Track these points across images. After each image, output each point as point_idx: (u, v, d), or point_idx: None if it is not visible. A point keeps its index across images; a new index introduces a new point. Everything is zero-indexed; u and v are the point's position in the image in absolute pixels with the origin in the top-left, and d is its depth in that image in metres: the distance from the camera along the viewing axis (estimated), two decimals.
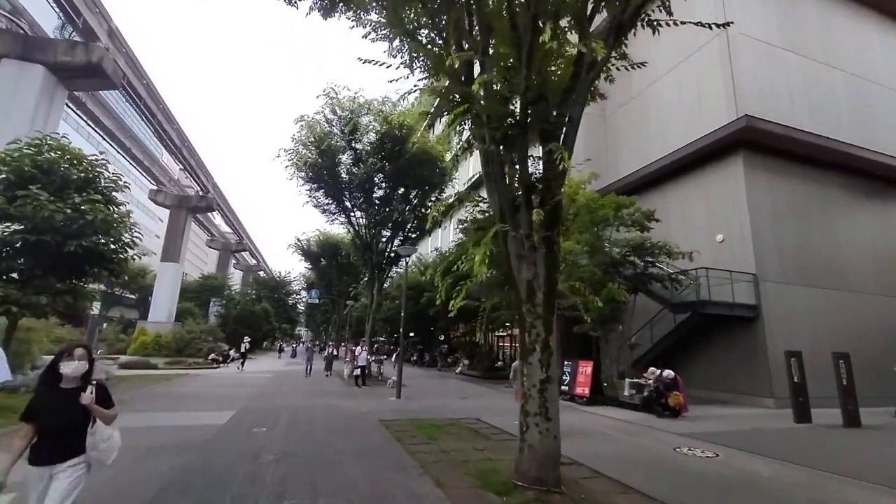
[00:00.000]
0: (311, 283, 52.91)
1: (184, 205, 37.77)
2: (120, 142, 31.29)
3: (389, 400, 12.32)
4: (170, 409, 9.59)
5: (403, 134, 19.39)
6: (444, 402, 12.26)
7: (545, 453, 4.75)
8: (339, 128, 20.07)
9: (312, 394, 13.22)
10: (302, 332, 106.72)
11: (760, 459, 6.62)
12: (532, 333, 5.11)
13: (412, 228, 22.39)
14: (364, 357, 15.34)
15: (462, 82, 5.48)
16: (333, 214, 22.66)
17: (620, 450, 7.10)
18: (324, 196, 21.82)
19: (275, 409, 9.82)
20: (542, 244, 5.26)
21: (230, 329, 34.06)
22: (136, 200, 65.47)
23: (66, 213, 8.19)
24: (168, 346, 29.24)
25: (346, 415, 9.67)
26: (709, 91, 15.72)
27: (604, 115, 22.43)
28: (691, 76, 16.57)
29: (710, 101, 15.62)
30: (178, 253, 37.28)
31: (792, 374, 10.45)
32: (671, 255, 13.21)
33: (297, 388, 14.54)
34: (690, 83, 16.60)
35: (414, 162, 19.24)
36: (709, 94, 15.71)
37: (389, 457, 6.18)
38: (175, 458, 5.72)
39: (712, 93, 15.54)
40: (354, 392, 13.95)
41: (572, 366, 13.40)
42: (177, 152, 32.24)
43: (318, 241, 40.74)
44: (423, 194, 21.26)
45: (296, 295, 62.56)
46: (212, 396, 11.75)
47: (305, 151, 19.95)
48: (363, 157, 20.08)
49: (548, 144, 5.34)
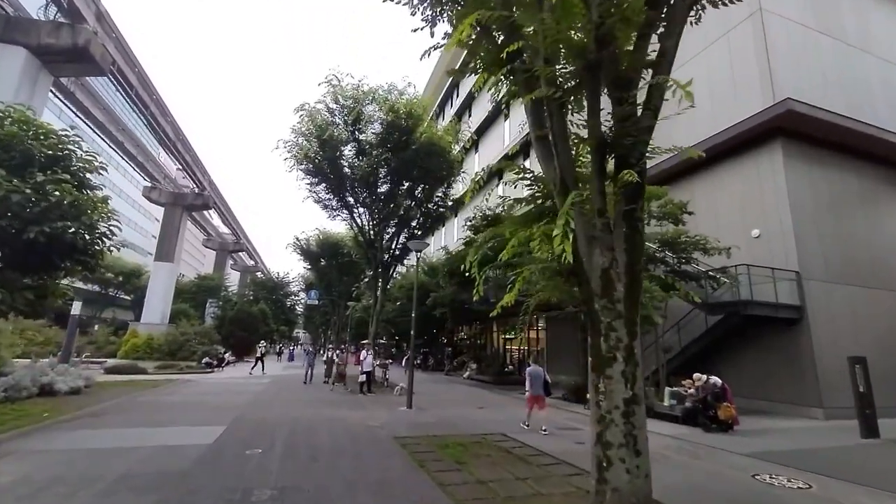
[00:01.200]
0: (310, 283, 51.66)
1: (179, 202, 36.48)
2: (112, 136, 29.96)
3: (400, 410, 11.08)
4: (151, 424, 8.32)
5: (410, 124, 18.23)
6: (460, 413, 11.03)
7: (636, 498, 3.54)
8: (341, 117, 18.88)
9: (314, 403, 11.97)
10: (300, 335, 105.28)
11: (864, 491, 5.42)
12: (611, 338, 3.91)
13: (417, 225, 21.21)
14: (369, 362, 14.10)
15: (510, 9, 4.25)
16: (335, 210, 21.46)
17: (692, 478, 5.89)
18: (325, 191, 20.62)
19: (272, 424, 8.58)
20: (623, 221, 4.05)
21: (226, 331, 32.74)
22: (129, 198, 64.45)
23: (25, 192, 6.93)
24: (160, 349, 27.91)
25: (354, 430, 8.44)
26: (742, 75, 14.58)
27: None
28: (722, 59, 15.43)
29: (743, 86, 14.48)
30: (172, 252, 35.96)
31: (857, 382, 9.25)
32: (707, 250, 12.05)
33: (296, 396, 13.30)
34: (721, 67, 15.45)
35: (421, 153, 18.06)
36: (742, 78, 14.57)
37: (415, 491, 4.95)
38: (142, 499, 4.49)
39: (746, 77, 14.40)
40: (360, 401, 12.71)
41: None
42: (171, 147, 30.92)
43: (318, 240, 39.51)
44: (430, 188, 20.05)
45: (294, 296, 61.28)
46: (201, 406, 10.49)
47: (306, 143, 18.76)
48: (367, 149, 18.92)
49: (627, 92, 4.14)
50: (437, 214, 20.65)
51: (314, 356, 17.27)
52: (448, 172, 19.33)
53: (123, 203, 63.47)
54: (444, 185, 20.43)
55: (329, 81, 18.47)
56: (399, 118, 17.94)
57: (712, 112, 15.43)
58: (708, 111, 15.69)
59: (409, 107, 18.28)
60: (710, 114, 15.57)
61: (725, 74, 15.24)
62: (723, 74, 15.33)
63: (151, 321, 34.93)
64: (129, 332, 29.92)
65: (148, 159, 34.22)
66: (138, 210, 67.03)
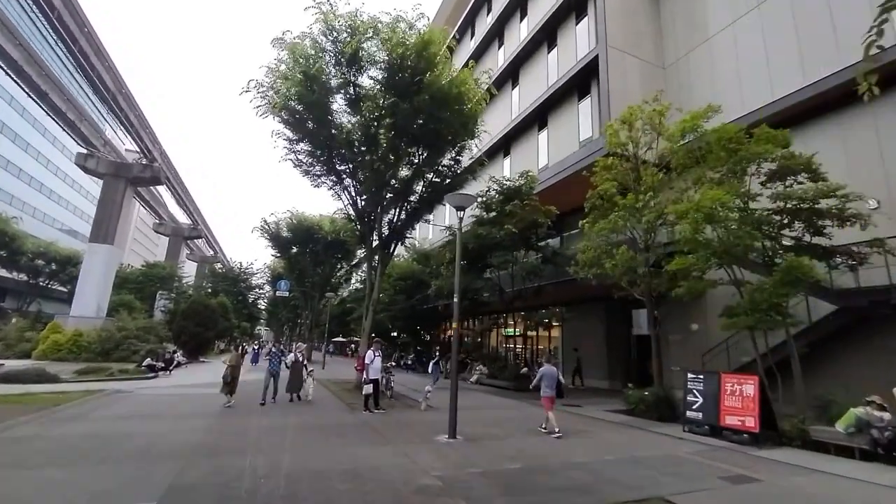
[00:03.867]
0: (278, 274, 46.44)
1: (122, 174, 30.63)
2: (32, 83, 23.90)
3: (443, 443, 7.30)
4: None
5: (422, 65, 14.31)
6: (538, 447, 7.37)
7: None
8: (333, 54, 14.68)
9: (307, 433, 7.96)
10: (262, 332, 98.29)
11: None
12: None
13: (418, 199, 17.16)
14: (377, 366, 10.19)
15: None
16: (319, 177, 17.24)
17: None
18: (308, 154, 16.40)
19: (247, 494, 4.60)
20: None
21: (177, 326, 27.57)
22: (60, 171, 56.24)
23: None
24: (90, 348, 22.61)
25: (405, 499, 4.60)
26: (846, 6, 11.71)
27: (662, 64, 18.33)
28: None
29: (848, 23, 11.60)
30: (112, 233, 30.22)
31: None
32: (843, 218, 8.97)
33: (276, 419, 9.20)
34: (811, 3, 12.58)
35: (437, 99, 14.13)
36: (845, 11, 11.70)
37: None
38: None
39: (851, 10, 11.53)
40: (373, 425, 8.78)
41: (709, 380, 8.87)
42: (111, 102, 25.28)
43: (290, 223, 34.70)
44: (438, 151, 16.03)
45: (258, 289, 55.55)
46: (114, 450, 6.24)
47: (285, 86, 14.43)
48: (364, 97, 14.87)
49: None
50: (445, 185, 16.79)
51: (280, 360, 11.95)
52: (462, 130, 15.44)
53: (51, 176, 55.39)
54: (456, 148, 16.56)
55: (318, 4, 14.27)
56: (407, 56, 13.97)
57: (799, 60, 12.60)
58: (794, 59, 12.84)
59: (422, 44, 14.30)
60: (797, 62, 12.74)
61: (820, 10, 12.35)
62: (814, 11, 12.44)
63: (84, 314, 29.13)
64: (48, 328, 24.27)
65: (81, 119, 28.27)
66: (71, 186, 58.88)
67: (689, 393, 9.08)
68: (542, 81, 22.27)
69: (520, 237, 16.63)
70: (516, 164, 22.57)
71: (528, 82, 23.84)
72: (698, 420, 8.76)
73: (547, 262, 16.25)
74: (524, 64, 24.20)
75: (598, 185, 12.14)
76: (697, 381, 9.04)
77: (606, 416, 10.79)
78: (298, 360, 11.91)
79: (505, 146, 24.59)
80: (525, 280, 17.01)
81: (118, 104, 26.23)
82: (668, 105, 11.48)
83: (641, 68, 17.67)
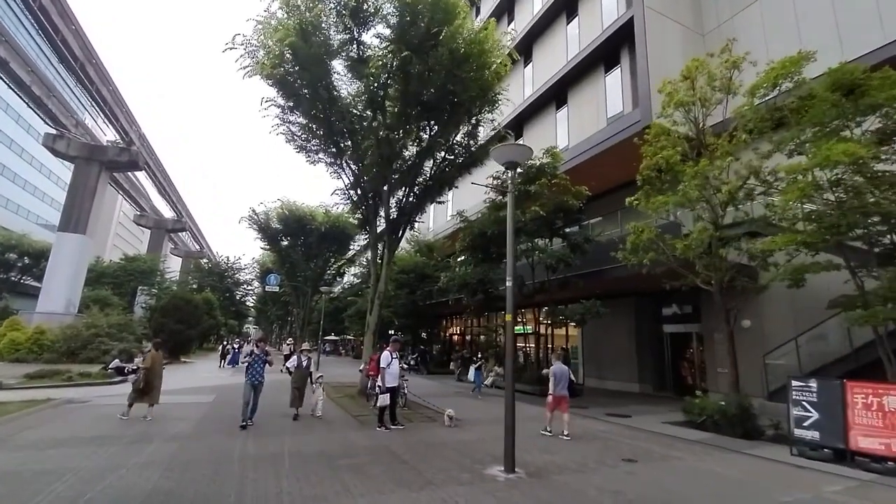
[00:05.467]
0: (267, 269, 43.92)
1: (95, 157, 27.91)
2: None
3: (501, 480, 5.24)
4: None
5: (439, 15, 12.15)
6: (628, 483, 5.33)
7: None
8: (334, 5, 12.49)
9: (307, 463, 5.85)
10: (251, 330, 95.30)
11: None
12: None
13: (428, 179, 14.89)
14: (395, 370, 8.09)
15: None
16: (316, 152, 15.06)
17: None
18: (302, 129, 14.24)
19: None
20: None
21: (155, 323, 25.10)
22: (28, 154, 52.56)
23: None
24: (54, 348, 20.11)
25: None
26: None
27: (702, 31, 16.47)
28: None
29: None
30: (83, 221, 27.56)
31: None
32: None
33: (263, 448, 7.03)
34: None
35: (457, 56, 11.97)
36: None
37: None
38: None
39: None
40: (394, 448, 6.70)
41: (826, 390, 6.93)
42: (78, 70, 22.58)
43: (281, 214, 32.30)
44: (450, 123, 13.78)
45: (246, 285, 52.93)
46: None
47: (276, 36, 12.19)
48: (369, 59, 12.72)
49: None
50: (458, 165, 14.64)
51: (263, 363, 8.30)
52: (480, 99, 13.29)
53: (16, 159, 51.85)
54: (472, 121, 14.41)
55: None
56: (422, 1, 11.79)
57: None
58: None
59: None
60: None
61: None
62: None
63: (52, 310, 26.46)
64: (5, 324, 21.67)
65: (49, 94, 25.54)
66: (39, 171, 55.38)
67: (795, 405, 7.15)
68: (561, 56, 20.29)
69: (544, 222, 14.62)
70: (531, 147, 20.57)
71: (543, 58, 21.83)
72: (814, 441, 6.83)
73: (576, 249, 14.26)
74: (538, 38, 22.21)
75: (651, 156, 10.18)
76: (808, 390, 7.10)
77: (672, 431, 8.83)
78: (302, 365, 9.41)
79: (517, 129, 22.52)
80: (549, 271, 15.02)
81: (87, 76, 23.53)
82: (742, 56, 9.54)
83: (681, 34, 15.79)
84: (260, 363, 8.21)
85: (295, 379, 9.28)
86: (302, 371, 9.34)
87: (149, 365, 8.66)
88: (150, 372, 8.63)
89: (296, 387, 9.15)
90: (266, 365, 8.33)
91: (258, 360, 8.19)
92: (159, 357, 9.06)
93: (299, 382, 9.22)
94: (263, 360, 8.28)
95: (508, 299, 6.09)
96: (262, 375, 8.24)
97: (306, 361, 9.51)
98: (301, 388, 9.16)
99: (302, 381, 9.26)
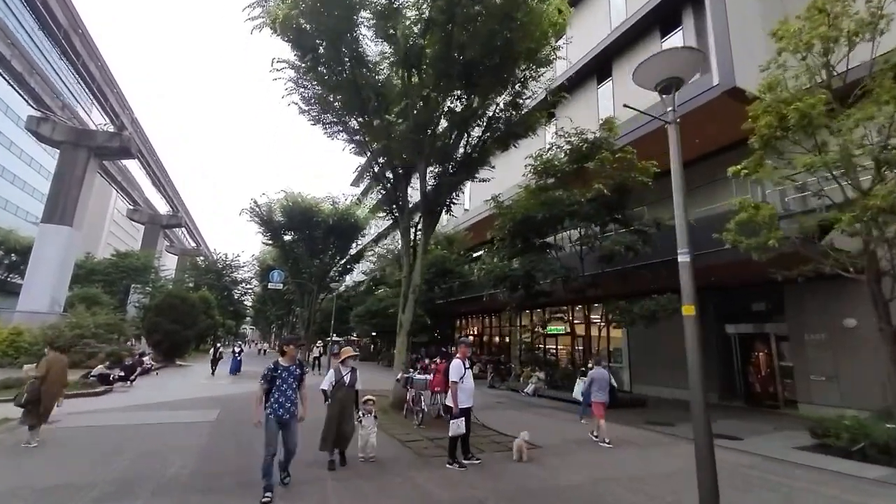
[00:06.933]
0: (268, 266, 41.58)
1: (83, 142, 25.61)
2: None
3: None
4: None
5: None
6: None
7: None
8: None
9: None
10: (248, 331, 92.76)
11: None
12: None
13: (470, 152, 12.67)
14: (471, 386, 5.91)
15: None
16: (336, 123, 12.91)
17: None
18: (318, 100, 12.12)
19: None
20: None
21: (148, 323, 22.86)
22: (7, 141, 50.03)
23: None
24: (34, 350, 17.81)
25: None
26: None
27: None
28: None
29: None
30: (70, 212, 25.27)
31: None
32: None
33: None
34: None
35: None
36: None
37: None
38: None
39: None
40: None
41: None
42: (62, 39, 20.18)
43: (285, 206, 30.01)
44: (498, 82, 11.41)
45: (245, 284, 50.52)
46: None
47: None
48: (403, 6, 10.63)
49: None
50: (507, 128, 12.38)
51: (295, 381, 4.86)
52: (538, 48, 11.07)
53: (2, 151, 49.21)
54: (517, 85, 12.10)
55: None
56: None
57: None
58: None
59: None
60: None
61: None
62: None
63: (36, 309, 24.22)
64: None
65: (31, 71, 23.19)
66: (29, 165, 52.77)
67: None
68: (603, 24, 18.22)
69: (602, 204, 12.53)
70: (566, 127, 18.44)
71: (580, 28, 19.75)
72: None
73: (640, 235, 12.18)
74: (576, 6, 20.12)
75: (764, 115, 8.10)
76: None
77: (823, 463, 6.69)
78: (344, 382, 5.74)
79: (548, 109, 20.40)
80: (603, 262, 12.91)
81: (73, 47, 21.18)
82: None
83: None
84: (290, 382, 4.78)
85: (335, 405, 5.66)
86: (344, 391, 5.74)
87: (43, 373, 6.46)
88: (48, 382, 6.40)
89: (335, 417, 5.59)
90: (299, 384, 4.91)
91: (287, 378, 4.76)
92: (61, 363, 6.83)
93: (341, 410, 5.64)
94: (296, 375, 4.86)
95: (685, 282, 3.94)
96: (294, 403, 4.78)
97: (349, 376, 5.81)
98: (344, 419, 5.64)
99: (345, 407, 5.69)
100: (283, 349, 5.00)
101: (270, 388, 4.69)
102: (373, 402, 6.11)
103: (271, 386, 4.69)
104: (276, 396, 4.69)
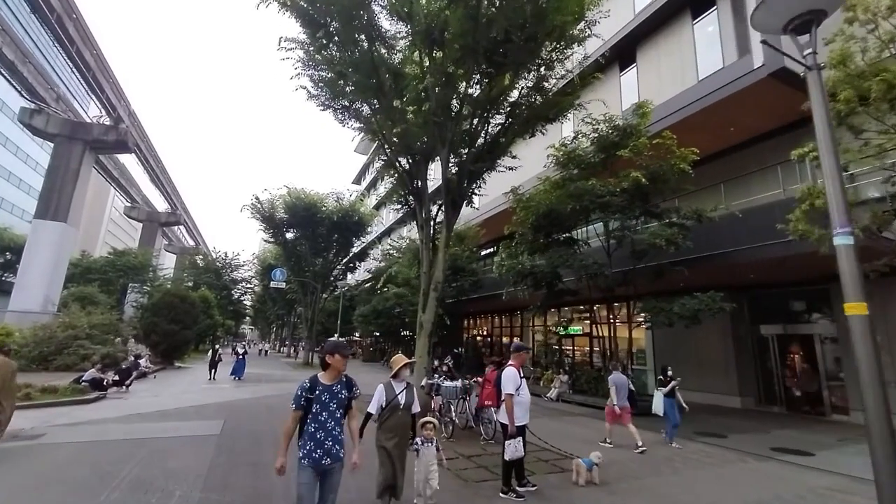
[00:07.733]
0: (269, 265, 40.63)
1: (78, 135, 24.63)
2: None
3: None
4: None
5: None
6: None
7: None
8: None
9: None
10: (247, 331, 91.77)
11: None
12: None
13: (496, 137, 11.61)
14: (527, 399, 4.95)
15: None
16: (347, 108, 11.97)
17: None
18: (328, 84, 11.19)
19: None
20: None
21: (145, 323, 21.89)
22: (3, 137, 48.92)
23: None
24: (24, 353, 16.83)
25: None
26: None
27: None
28: None
29: None
30: (64, 207, 24.27)
31: None
32: None
33: None
34: None
35: None
36: None
37: None
38: None
39: None
40: None
41: None
42: (54, 22, 19.10)
43: (287, 202, 29.05)
44: (526, 60, 10.34)
45: (245, 283, 49.52)
46: None
47: None
48: None
49: None
50: (534, 111, 11.37)
51: (341, 409, 3.24)
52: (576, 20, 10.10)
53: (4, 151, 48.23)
54: (545, 61, 11.05)
55: None
56: None
57: None
58: None
59: None
60: None
61: None
62: None
63: (28, 308, 23.22)
64: None
65: (24, 60, 22.18)
66: (25, 161, 51.69)
67: None
68: (626, 8, 17.26)
69: (637, 194, 11.61)
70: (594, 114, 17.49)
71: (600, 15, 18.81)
72: None
73: (679, 227, 11.27)
74: None
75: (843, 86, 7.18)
76: None
77: None
78: (399, 403, 4.05)
79: (575, 92, 19.43)
80: (635, 258, 12.00)
81: (66, 32, 20.17)
82: None
83: None
84: (332, 409, 3.18)
85: (388, 435, 4.00)
86: (399, 416, 4.05)
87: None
88: None
89: (390, 449, 3.94)
90: (345, 412, 3.30)
91: (328, 402, 3.17)
92: (8, 368, 5.81)
93: (398, 442, 3.98)
94: (341, 399, 3.23)
95: (847, 274, 3.01)
96: (339, 442, 3.17)
97: (404, 395, 4.09)
98: (403, 454, 4.02)
99: (402, 438, 4.03)
100: (324, 360, 3.25)
101: (305, 418, 3.14)
102: (433, 427, 4.42)
103: (306, 414, 3.13)
104: (313, 431, 3.08)
